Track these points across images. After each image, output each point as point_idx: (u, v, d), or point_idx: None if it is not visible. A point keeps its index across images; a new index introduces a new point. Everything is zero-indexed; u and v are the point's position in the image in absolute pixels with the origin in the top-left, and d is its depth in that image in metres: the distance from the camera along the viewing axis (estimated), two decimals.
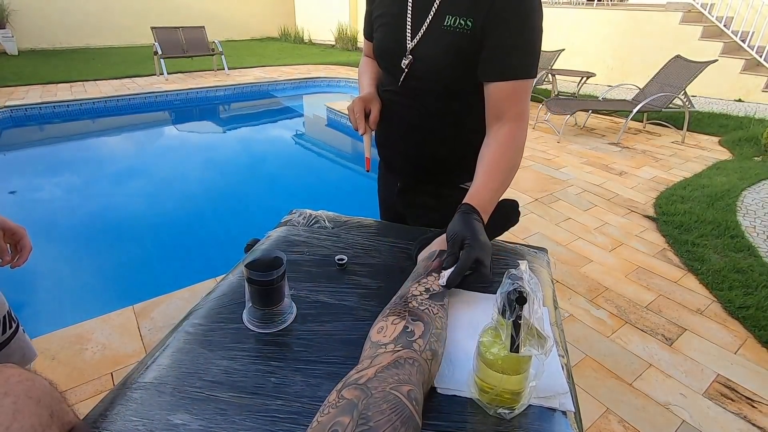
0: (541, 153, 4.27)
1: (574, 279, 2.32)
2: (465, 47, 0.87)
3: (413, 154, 1.09)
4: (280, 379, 0.63)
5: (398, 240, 0.98)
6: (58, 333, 1.83)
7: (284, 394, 0.61)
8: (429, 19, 0.90)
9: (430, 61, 0.93)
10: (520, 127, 0.90)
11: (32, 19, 9.64)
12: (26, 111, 5.45)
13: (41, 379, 0.45)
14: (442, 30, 0.88)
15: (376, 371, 0.54)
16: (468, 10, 0.84)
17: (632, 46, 6.83)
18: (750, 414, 1.58)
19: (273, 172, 4.49)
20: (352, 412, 0.48)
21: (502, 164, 0.88)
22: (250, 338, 0.71)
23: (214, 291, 0.84)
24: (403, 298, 0.70)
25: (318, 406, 0.53)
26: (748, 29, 5.97)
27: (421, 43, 0.93)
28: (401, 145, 1.09)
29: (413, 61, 0.95)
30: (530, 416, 0.59)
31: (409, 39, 0.94)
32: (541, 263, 0.97)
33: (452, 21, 0.86)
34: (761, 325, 1.97)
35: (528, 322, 0.53)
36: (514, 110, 0.88)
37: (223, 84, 6.97)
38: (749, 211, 3.04)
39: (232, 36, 12.23)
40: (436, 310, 0.67)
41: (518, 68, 0.86)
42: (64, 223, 3.20)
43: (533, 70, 0.87)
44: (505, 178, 0.88)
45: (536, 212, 3.05)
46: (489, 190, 0.85)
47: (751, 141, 4.53)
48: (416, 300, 0.69)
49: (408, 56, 0.95)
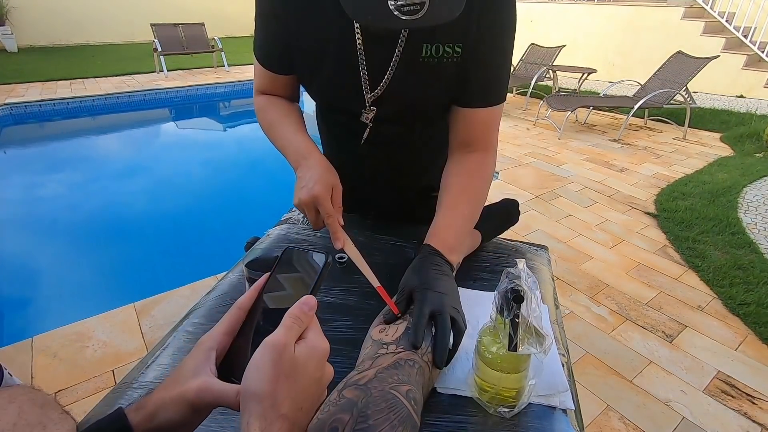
0: (541, 150, 4.26)
1: (574, 276, 2.32)
2: (453, 78, 0.73)
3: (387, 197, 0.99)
4: None
5: (399, 239, 0.98)
6: (59, 331, 1.83)
7: None
8: (397, 55, 0.70)
9: (403, 107, 0.77)
10: (489, 157, 0.80)
11: (32, 16, 9.62)
12: (26, 108, 5.44)
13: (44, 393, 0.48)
14: (420, 64, 0.71)
15: (377, 372, 0.54)
16: (455, 34, 0.69)
17: (634, 42, 6.80)
18: (750, 411, 1.58)
19: (273, 170, 4.48)
20: (351, 410, 0.48)
21: (469, 195, 0.77)
22: None
23: (214, 290, 0.84)
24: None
25: None
26: (750, 25, 5.94)
27: (389, 89, 0.74)
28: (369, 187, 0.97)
29: (378, 112, 0.77)
30: (530, 414, 0.59)
31: (367, 88, 0.74)
32: (542, 260, 0.97)
33: (433, 50, 0.70)
34: (762, 322, 1.97)
35: (526, 321, 0.53)
36: (485, 139, 0.79)
37: (223, 81, 6.95)
38: (750, 207, 3.03)
39: (231, 32, 12.18)
40: None
41: (497, 93, 0.76)
42: (64, 221, 3.20)
43: (506, 91, 0.78)
44: (471, 210, 0.76)
45: (537, 209, 3.05)
46: (454, 227, 0.74)
47: (752, 137, 4.51)
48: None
49: (371, 109, 0.77)
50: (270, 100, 0.87)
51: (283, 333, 0.38)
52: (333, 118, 0.89)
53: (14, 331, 2.03)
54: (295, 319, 0.39)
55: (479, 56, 0.71)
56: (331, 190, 0.74)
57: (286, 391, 0.36)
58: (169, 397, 0.39)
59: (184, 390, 0.38)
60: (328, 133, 0.94)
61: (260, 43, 0.80)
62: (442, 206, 0.76)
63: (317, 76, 0.77)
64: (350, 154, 0.89)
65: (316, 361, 0.39)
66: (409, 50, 0.70)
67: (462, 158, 0.79)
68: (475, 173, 0.78)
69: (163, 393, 0.40)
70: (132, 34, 10.96)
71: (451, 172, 0.79)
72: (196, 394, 0.38)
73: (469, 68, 0.72)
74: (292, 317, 0.39)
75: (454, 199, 0.76)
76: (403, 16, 0.53)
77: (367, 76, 0.73)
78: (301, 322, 0.39)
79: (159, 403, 0.39)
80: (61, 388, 1.57)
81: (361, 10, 0.55)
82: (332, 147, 0.96)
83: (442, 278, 0.66)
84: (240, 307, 0.45)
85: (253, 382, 0.36)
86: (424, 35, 0.69)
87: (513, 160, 3.93)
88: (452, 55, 0.70)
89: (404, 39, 0.69)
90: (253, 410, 0.35)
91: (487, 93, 0.75)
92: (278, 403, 0.35)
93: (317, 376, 0.39)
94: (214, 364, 0.41)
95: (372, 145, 0.84)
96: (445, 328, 0.59)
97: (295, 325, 0.39)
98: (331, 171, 0.77)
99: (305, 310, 0.40)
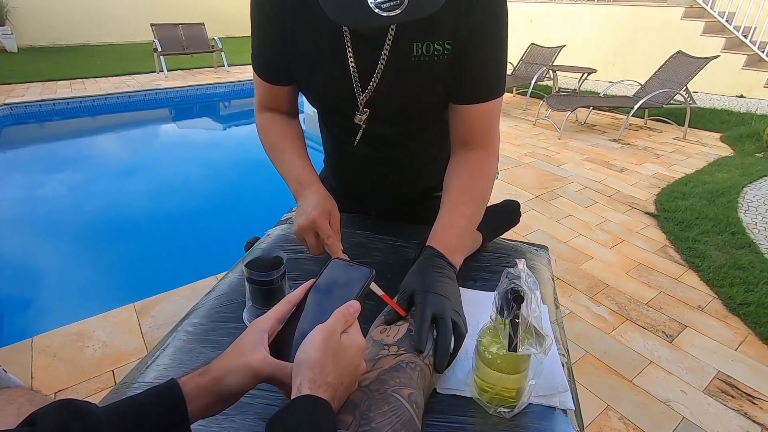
0: (541, 150, 4.26)
1: (574, 276, 2.32)
2: (444, 76, 0.72)
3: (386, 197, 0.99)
4: None
5: (399, 239, 0.98)
6: (59, 330, 1.83)
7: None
8: (385, 55, 0.70)
9: (396, 107, 0.76)
10: (490, 154, 0.79)
11: (32, 16, 9.61)
12: (26, 108, 5.44)
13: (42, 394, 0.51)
14: (412, 63, 0.70)
15: (378, 374, 0.54)
16: (444, 32, 0.68)
17: (633, 42, 6.79)
18: (750, 411, 1.58)
19: (273, 170, 4.48)
20: (354, 411, 0.48)
21: (470, 197, 0.76)
22: None
23: (214, 290, 0.84)
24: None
25: None
26: (750, 25, 5.93)
27: (379, 89, 0.74)
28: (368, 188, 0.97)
29: (371, 114, 0.77)
30: (530, 415, 0.59)
31: (358, 90, 0.74)
32: (542, 260, 0.97)
33: (424, 49, 0.69)
34: (762, 322, 1.97)
35: (526, 321, 0.53)
36: (484, 136, 0.78)
37: (223, 81, 6.95)
38: (750, 207, 3.03)
39: (232, 32, 12.18)
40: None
41: (493, 87, 0.74)
42: (64, 221, 3.20)
43: (504, 85, 0.76)
44: (474, 210, 0.75)
45: (537, 209, 3.05)
46: (456, 227, 0.73)
47: (752, 137, 4.51)
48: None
49: (364, 111, 0.77)
50: (272, 120, 0.87)
51: (333, 321, 0.47)
52: (330, 119, 0.89)
53: (14, 331, 2.03)
54: (342, 315, 0.48)
55: (471, 51, 0.70)
56: (329, 216, 0.75)
57: (332, 365, 0.44)
58: (235, 365, 0.45)
59: (250, 360, 0.45)
60: (328, 133, 0.94)
61: (257, 53, 0.80)
62: (443, 207, 0.76)
63: (312, 80, 0.77)
64: (348, 155, 0.89)
65: (356, 349, 0.48)
66: (399, 50, 0.69)
67: (463, 157, 0.79)
68: (476, 172, 0.77)
69: (226, 362, 0.46)
70: (132, 34, 10.95)
71: (453, 172, 0.79)
72: (260, 363, 0.45)
73: (463, 64, 0.71)
74: (340, 313, 0.48)
75: (455, 200, 0.76)
76: (384, 13, 0.52)
77: (357, 78, 0.73)
78: (346, 319, 0.48)
79: (225, 368, 0.45)
80: (61, 389, 1.57)
81: (341, 11, 0.55)
82: (331, 146, 0.96)
83: (444, 281, 0.65)
84: (290, 301, 0.53)
85: (307, 353, 0.44)
86: (413, 34, 0.68)
87: (513, 160, 3.93)
88: (443, 53, 0.70)
89: (392, 39, 0.68)
90: (306, 375, 0.43)
91: (482, 88, 0.74)
92: (326, 371, 0.43)
93: (356, 362, 0.48)
94: (267, 344, 0.48)
95: (368, 146, 0.83)
96: (446, 332, 0.58)
97: (343, 318, 0.48)
98: (329, 198, 0.78)
99: (351, 311, 0.49)
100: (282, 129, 0.86)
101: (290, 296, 0.53)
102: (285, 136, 0.86)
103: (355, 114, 0.77)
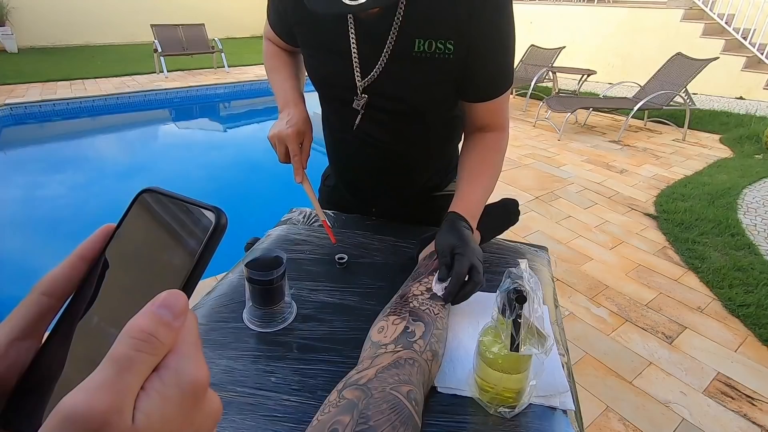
0: (541, 151, 4.26)
1: (574, 277, 2.32)
2: (445, 74, 0.74)
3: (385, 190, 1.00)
4: (280, 378, 0.63)
5: (399, 239, 0.98)
6: None
7: (284, 392, 0.61)
8: (389, 47, 0.73)
9: (394, 97, 0.79)
10: (503, 135, 0.85)
11: (32, 16, 9.62)
12: (26, 109, 5.43)
13: None
14: (412, 57, 0.72)
15: (377, 372, 0.54)
16: (446, 31, 0.70)
17: (633, 44, 6.80)
18: (750, 412, 1.58)
19: (273, 170, 4.48)
20: (352, 411, 0.48)
21: (486, 169, 0.83)
22: (251, 337, 0.71)
23: (214, 290, 0.84)
24: (403, 298, 0.69)
25: (318, 405, 0.53)
26: (750, 26, 5.95)
27: (380, 79, 0.76)
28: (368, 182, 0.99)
29: (369, 100, 0.80)
30: (531, 415, 0.59)
31: (359, 76, 0.77)
32: (542, 261, 0.97)
33: (425, 46, 0.71)
34: (761, 324, 1.97)
35: (528, 321, 0.53)
36: (497, 121, 0.83)
37: (223, 82, 6.95)
38: (750, 209, 3.03)
39: (232, 33, 12.18)
40: (437, 310, 0.67)
41: (503, 83, 0.78)
42: (65, 221, 3.20)
43: (513, 73, 0.80)
44: (489, 183, 0.83)
45: (537, 210, 3.05)
46: (475, 195, 0.80)
47: (752, 139, 4.52)
48: (417, 300, 0.68)
49: (362, 96, 0.79)
50: (272, 49, 0.97)
51: (100, 391, 0.17)
52: (329, 106, 0.92)
53: None
54: (140, 344, 0.18)
55: (481, 52, 0.73)
56: (302, 137, 0.83)
57: None
58: None
59: None
60: (329, 126, 0.96)
61: (272, 10, 0.88)
62: (462, 178, 0.83)
63: (314, 55, 0.83)
64: (347, 145, 0.93)
65: (185, 411, 0.19)
66: (401, 44, 0.72)
67: (478, 137, 0.85)
68: (490, 148, 0.84)
69: None
70: (132, 34, 10.96)
71: (469, 147, 0.85)
72: None
73: (473, 65, 0.74)
74: (132, 343, 0.18)
75: (475, 170, 0.83)
76: (349, 1, 0.58)
77: (358, 63, 0.76)
78: (154, 346, 0.19)
79: None
80: None
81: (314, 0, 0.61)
82: (332, 139, 0.98)
83: (473, 240, 0.73)
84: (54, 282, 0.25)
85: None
86: (414, 31, 0.71)
87: (513, 162, 3.93)
88: (444, 51, 0.72)
89: (396, 33, 0.72)
90: None
91: (493, 86, 0.78)
92: None
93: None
94: None
95: (367, 135, 0.86)
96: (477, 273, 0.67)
97: (138, 359, 0.18)
98: (307, 122, 0.86)
99: (166, 319, 0.19)
100: (282, 56, 0.96)
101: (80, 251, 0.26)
102: (284, 63, 0.95)
103: (353, 99, 0.81)
